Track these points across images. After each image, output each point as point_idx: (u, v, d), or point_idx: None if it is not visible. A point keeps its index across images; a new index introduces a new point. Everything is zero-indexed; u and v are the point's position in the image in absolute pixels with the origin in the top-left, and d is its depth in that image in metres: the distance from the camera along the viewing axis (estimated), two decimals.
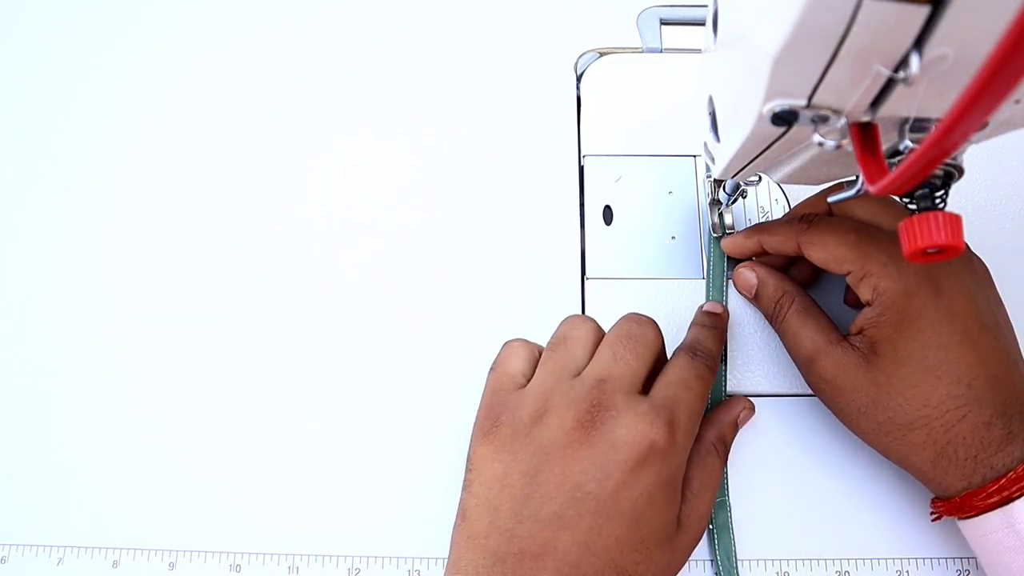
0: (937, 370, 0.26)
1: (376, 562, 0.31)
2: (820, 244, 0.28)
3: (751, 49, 0.18)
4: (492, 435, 0.27)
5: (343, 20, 0.42)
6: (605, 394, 0.26)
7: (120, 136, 0.40)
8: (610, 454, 0.25)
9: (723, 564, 0.30)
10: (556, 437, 0.26)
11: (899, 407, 0.27)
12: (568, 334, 0.29)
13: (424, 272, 0.36)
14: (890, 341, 0.27)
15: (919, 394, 0.26)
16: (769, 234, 0.31)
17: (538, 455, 0.26)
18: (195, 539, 0.31)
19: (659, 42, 0.41)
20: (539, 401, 0.27)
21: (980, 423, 0.26)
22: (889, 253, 0.27)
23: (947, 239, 0.18)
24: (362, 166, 0.39)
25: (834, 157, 0.21)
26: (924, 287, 0.27)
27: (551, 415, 0.26)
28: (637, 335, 0.28)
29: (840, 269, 0.28)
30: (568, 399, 0.26)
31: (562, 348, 0.28)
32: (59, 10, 0.43)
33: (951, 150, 0.15)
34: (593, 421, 0.26)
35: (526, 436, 0.26)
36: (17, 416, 0.34)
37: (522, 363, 0.29)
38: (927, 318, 0.26)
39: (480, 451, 0.27)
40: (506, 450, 0.27)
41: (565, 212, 0.37)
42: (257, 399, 0.34)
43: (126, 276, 0.37)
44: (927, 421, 0.26)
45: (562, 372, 0.28)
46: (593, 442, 0.25)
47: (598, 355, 0.28)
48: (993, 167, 0.37)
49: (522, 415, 0.27)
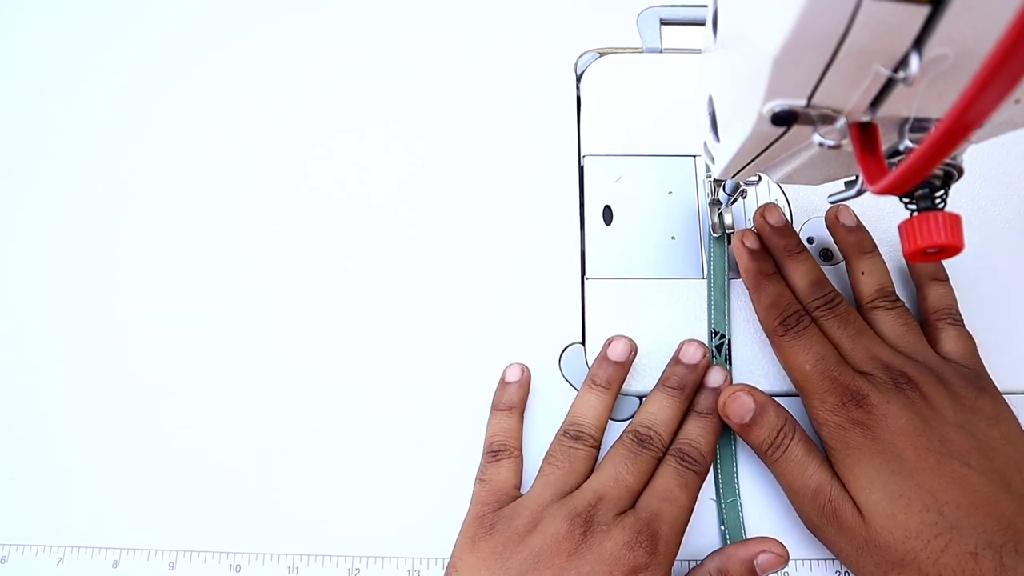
0: (904, 496, 0.26)
1: (376, 562, 0.31)
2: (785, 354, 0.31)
3: (751, 49, 0.18)
4: (483, 542, 0.28)
5: (343, 20, 0.42)
6: (599, 511, 0.28)
7: (120, 136, 0.40)
8: (597, 565, 0.26)
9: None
10: (548, 546, 0.27)
11: (888, 543, 0.26)
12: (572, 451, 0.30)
13: (424, 272, 0.36)
14: (849, 469, 0.27)
15: (899, 525, 0.26)
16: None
17: (528, 562, 0.27)
18: (195, 539, 0.31)
19: (659, 42, 0.41)
20: (536, 512, 0.28)
21: (965, 553, 0.25)
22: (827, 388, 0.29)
23: (947, 239, 0.19)
24: (362, 166, 0.39)
25: (834, 157, 0.21)
26: (857, 427, 0.27)
27: (545, 525, 0.28)
28: (641, 462, 0.29)
29: (796, 387, 0.30)
30: (564, 511, 0.28)
31: (565, 467, 0.30)
32: (59, 10, 0.43)
33: (951, 150, 0.15)
34: (584, 534, 0.27)
35: (517, 545, 0.27)
36: (17, 416, 0.34)
37: (511, 475, 0.31)
38: (869, 448, 0.27)
39: (467, 558, 0.28)
40: (495, 557, 0.27)
41: (565, 212, 0.37)
42: (257, 399, 0.34)
43: (127, 276, 0.37)
44: (915, 555, 0.25)
45: (563, 487, 0.29)
46: (582, 553, 0.27)
47: (602, 471, 0.29)
48: (993, 167, 0.37)
49: (517, 525, 0.28)
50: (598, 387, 0.32)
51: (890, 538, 0.26)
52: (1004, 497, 0.26)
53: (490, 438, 0.32)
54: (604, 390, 0.32)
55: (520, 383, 0.33)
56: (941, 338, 0.31)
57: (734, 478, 0.31)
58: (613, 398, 0.32)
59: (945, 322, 0.32)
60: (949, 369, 0.29)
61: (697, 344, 0.32)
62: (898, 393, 0.28)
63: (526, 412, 0.33)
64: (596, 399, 0.31)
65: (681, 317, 0.34)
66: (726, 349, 0.33)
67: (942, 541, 0.25)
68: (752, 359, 0.34)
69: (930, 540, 0.25)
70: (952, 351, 0.31)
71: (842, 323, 0.31)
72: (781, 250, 0.33)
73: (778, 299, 0.32)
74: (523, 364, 0.33)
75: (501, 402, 0.33)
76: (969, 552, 0.25)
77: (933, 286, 0.33)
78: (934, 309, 0.32)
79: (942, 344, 0.31)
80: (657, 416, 0.31)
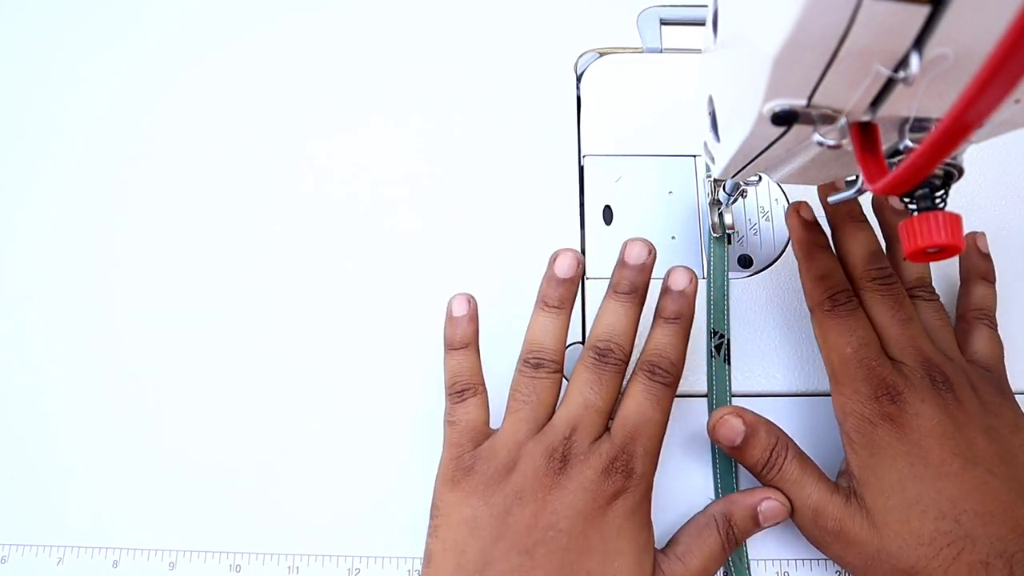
0: (920, 503, 0.26)
1: (376, 562, 0.31)
2: (827, 332, 0.29)
3: (751, 49, 0.18)
4: (463, 483, 0.28)
5: (343, 20, 0.42)
6: (575, 442, 0.28)
7: (118, 135, 0.40)
8: (578, 493, 0.27)
9: (734, 564, 0.30)
10: (529, 484, 0.27)
11: (899, 550, 0.26)
12: (536, 381, 0.29)
13: (424, 272, 0.36)
14: (870, 469, 0.27)
15: (912, 531, 0.25)
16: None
17: (511, 498, 0.27)
18: (195, 539, 0.31)
19: (659, 42, 0.41)
20: (512, 451, 0.28)
21: (976, 562, 0.25)
22: (861, 378, 0.28)
23: (947, 239, 0.19)
24: (362, 166, 0.39)
25: (834, 157, 0.21)
26: (886, 422, 0.27)
27: (524, 463, 0.27)
28: (605, 380, 0.29)
29: (828, 368, 0.29)
30: (540, 447, 0.28)
31: (533, 400, 0.29)
32: (58, 10, 0.43)
33: (951, 150, 0.15)
34: (563, 466, 0.27)
35: (498, 484, 0.27)
36: (17, 416, 0.34)
37: (479, 412, 0.30)
38: (894, 448, 0.26)
39: (449, 497, 0.28)
40: (477, 495, 0.27)
41: (565, 212, 0.37)
42: (257, 399, 0.34)
43: (126, 276, 0.37)
44: (926, 563, 0.25)
45: (535, 422, 0.29)
46: (563, 484, 0.27)
47: (570, 398, 0.29)
48: (993, 167, 0.37)
49: (495, 465, 0.28)
50: (551, 308, 0.30)
51: (902, 544, 0.26)
52: (1021, 505, 0.25)
53: (451, 378, 0.30)
54: (557, 311, 0.30)
55: (469, 315, 0.31)
56: (973, 337, 0.31)
57: (733, 480, 0.31)
58: (567, 317, 0.30)
59: (982, 322, 0.31)
60: (975, 372, 0.29)
61: (641, 242, 0.30)
62: (934, 392, 0.27)
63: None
64: (550, 321, 0.30)
65: None
66: (725, 349, 0.33)
67: (955, 550, 0.25)
68: (752, 359, 0.34)
69: (942, 548, 0.25)
70: (980, 352, 0.30)
71: (896, 304, 0.29)
72: (844, 215, 0.31)
73: (830, 272, 0.30)
74: (469, 294, 0.31)
75: (455, 340, 0.31)
76: (980, 561, 0.25)
77: (980, 285, 0.32)
78: (975, 307, 0.32)
79: (972, 343, 0.31)
80: (614, 326, 0.30)
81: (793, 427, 0.32)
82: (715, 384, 0.33)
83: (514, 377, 0.30)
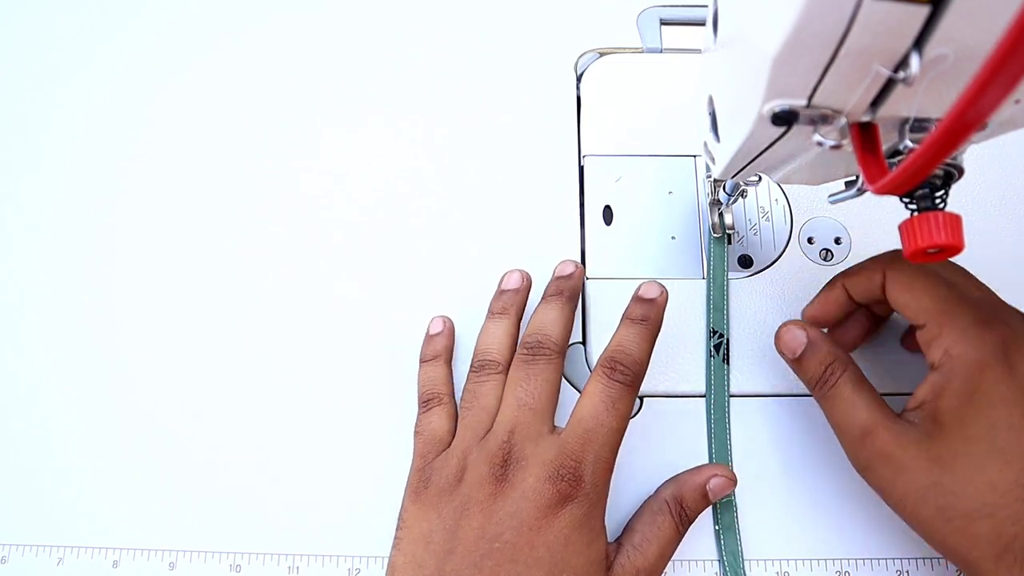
0: (1007, 453, 0.24)
1: (376, 562, 0.31)
2: (906, 285, 0.26)
3: (751, 49, 0.18)
4: (422, 495, 0.28)
5: (343, 20, 0.42)
6: (515, 446, 0.27)
7: (115, 134, 0.40)
8: (521, 503, 0.26)
9: (730, 564, 0.30)
10: (473, 493, 0.27)
11: (963, 491, 0.24)
12: (480, 384, 0.30)
13: (424, 272, 0.36)
14: (957, 414, 0.25)
15: (986, 478, 0.24)
16: (850, 275, 0.29)
17: (459, 511, 0.27)
18: (195, 539, 0.31)
19: (659, 42, 0.41)
20: (460, 460, 0.28)
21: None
22: (972, 319, 0.25)
23: (947, 239, 0.19)
24: (361, 166, 0.39)
25: (834, 157, 0.21)
26: (1000, 363, 0.24)
27: (469, 472, 0.28)
28: (534, 374, 0.29)
29: (916, 319, 0.26)
30: (483, 454, 0.28)
31: (476, 404, 0.29)
32: (56, 9, 0.43)
33: (951, 150, 0.15)
34: (505, 473, 0.27)
35: (450, 494, 0.28)
36: (16, 416, 0.34)
37: (444, 422, 0.30)
38: (999, 394, 0.24)
39: (411, 509, 0.28)
40: (431, 508, 0.28)
41: (565, 212, 0.37)
42: (257, 399, 0.34)
43: (125, 276, 0.37)
44: (993, 510, 0.24)
45: (478, 428, 0.29)
46: (506, 493, 0.27)
47: (505, 401, 0.29)
48: (993, 167, 0.37)
49: (448, 475, 0.28)
50: (497, 315, 0.32)
51: (967, 485, 0.24)
52: None
53: (420, 389, 0.32)
54: (503, 316, 0.32)
55: (443, 333, 0.33)
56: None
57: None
58: (513, 320, 0.32)
59: None
60: None
61: (572, 262, 0.33)
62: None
63: None
64: (496, 325, 0.31)
65: (681, 317, 0.34)
66: (725, 349, 0.33)
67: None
68: (751, 359, 0.34)
69: (1017, 499, 0.23)
70: None
71: None
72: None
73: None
74: (446, 316, 0.34)
75: (426, 353, 0.33)
76: None
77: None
78: None
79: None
80: (543, 319, 0.30)
81: (793, 427, 0.33)
82: (714, 384, 0.33)
83: (464, 386, 0.31)
